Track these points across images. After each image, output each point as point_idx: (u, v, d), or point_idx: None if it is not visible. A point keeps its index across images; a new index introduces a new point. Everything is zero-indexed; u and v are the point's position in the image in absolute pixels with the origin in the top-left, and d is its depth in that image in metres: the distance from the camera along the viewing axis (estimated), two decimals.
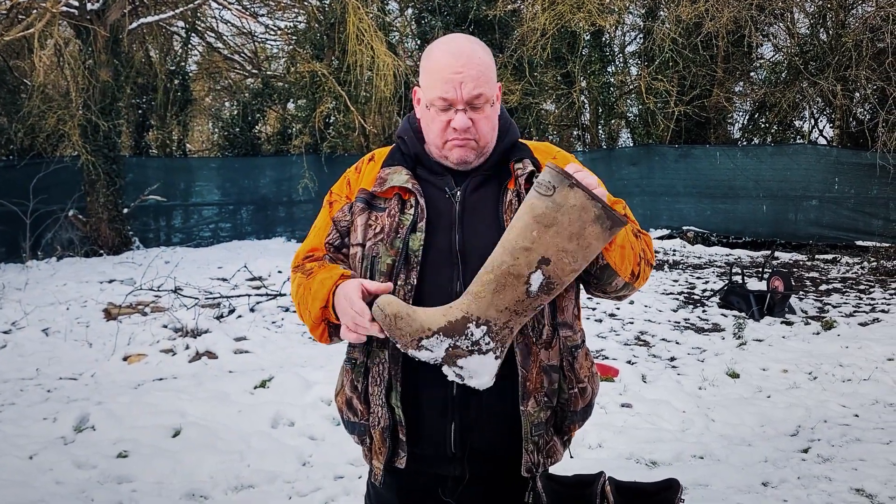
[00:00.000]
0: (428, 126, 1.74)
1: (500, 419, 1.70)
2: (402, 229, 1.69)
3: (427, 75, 1.71)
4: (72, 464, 3.91)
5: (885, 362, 5.97)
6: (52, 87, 12.20)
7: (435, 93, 1.67)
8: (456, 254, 1.68)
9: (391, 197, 1.74)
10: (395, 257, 1.67)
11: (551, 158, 1.80)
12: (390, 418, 1.70)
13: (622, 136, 19.11)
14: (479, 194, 1.75)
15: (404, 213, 1.71)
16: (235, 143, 16.30)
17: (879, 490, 3.68)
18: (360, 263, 1.73)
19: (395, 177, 1.74)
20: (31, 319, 7.12)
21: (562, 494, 1.53)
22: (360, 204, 1.76)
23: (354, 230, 1.76)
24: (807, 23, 15.77)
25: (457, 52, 1.68)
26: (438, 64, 1.68)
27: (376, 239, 1.71)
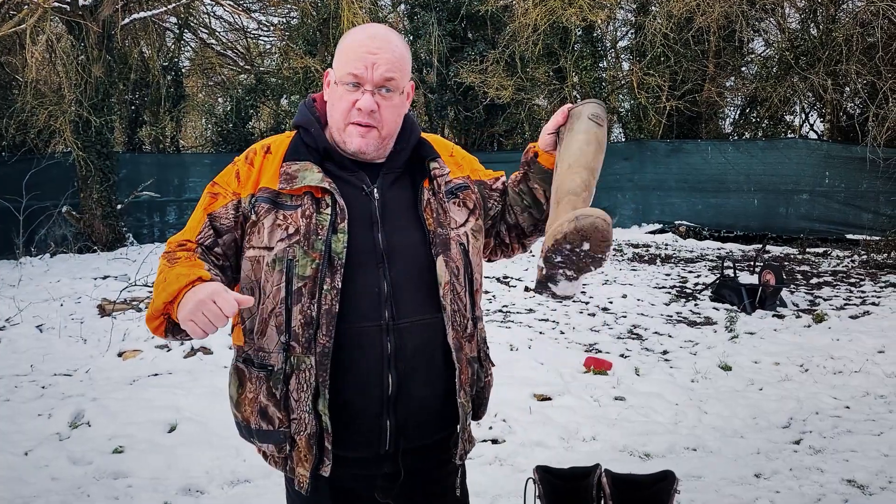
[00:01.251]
0: (333, 105, 1.70)
1: (432, 413, 1.73)
2: (321, 230, 1.62)
3: (341, 53, 1.68)
4: (67, 460, 3.92)
5: (875, 354, 6.02)
6: (44, 83, 12.13)
7: (346, 69, 1.65)
8: (381, 253, 1.65)
9: (302, 195, 1.65)
10: (319, 261, 1.60)
11: (449, 156, 1.85)
12: (317, 425, 1.63)
13: (614, 130, 19.12)
14: (395, 191, 1.73)
15: (320, 212, 1.63)
16: (229, 139, 16.25)
17: (871, 480, 3.72)
18: (269, 268, 1.64)
19: (308, 175, 1.65)
20: (25, 316, 7.10)
21: (558, 486, 1.55)
22: (266, 204, 1.66)
23: (258, 232, 1.66)
24: (797, 18, 15.82)
25: (374, 35, 1.67)
26: (354, 42, 1.67)
27: (290, 241, 1.63)
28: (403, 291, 1.66)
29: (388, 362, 1.63)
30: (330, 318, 1.60)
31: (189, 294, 1.50)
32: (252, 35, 17.87)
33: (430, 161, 1.77)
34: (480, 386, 1.83)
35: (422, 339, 1.67)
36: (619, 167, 14.90)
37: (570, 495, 1.57)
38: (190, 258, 1.64)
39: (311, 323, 1.60)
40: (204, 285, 1.50)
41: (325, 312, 1.60)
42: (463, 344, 1.73)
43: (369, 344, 1.63)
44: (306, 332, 1.61)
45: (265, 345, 1.66)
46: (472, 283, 1.76)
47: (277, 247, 1.63)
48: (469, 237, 1.77)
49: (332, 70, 1.72)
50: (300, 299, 1.61)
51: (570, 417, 4.58)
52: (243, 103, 16.10)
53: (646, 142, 15.14)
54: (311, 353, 1.61)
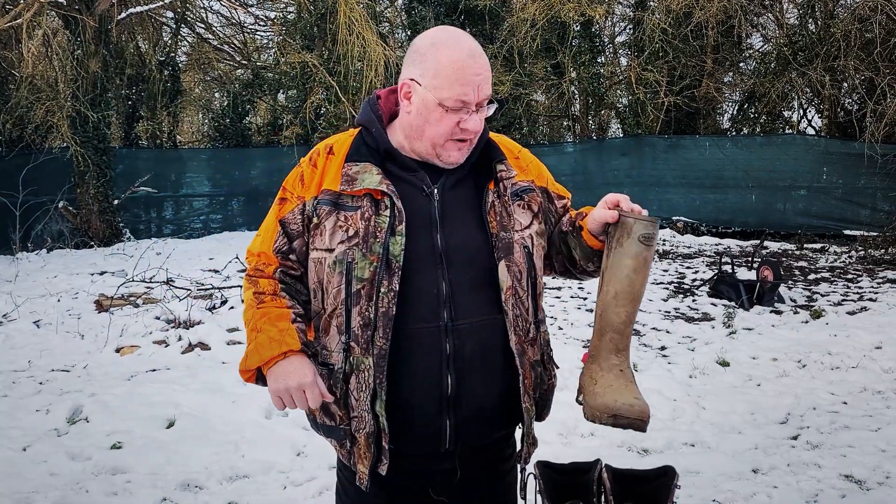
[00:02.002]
0: (428, 125, 1.65)
1: (492, 413, 1.74)
2: (379, 233, 1.62)
3: (439, 75, 1.61)
4: (65, 455, 3.91)
5: (872, 350, 6.03)
6: (41, 78, 12.10)
7: (452, 93, 1.60)
8: (439, 255, 1.66)
9: (362, 196, 1.66)
10: (377, 263, 1.61)
11: (514, 158, 1.83)
12: (374, 425, 1.65)
13: (612, 126, 19.14)
14: (456, 192, 1.72)
15: (379, 214, 1.64)
16: (226, 134, 16.22)
17: (868, 476, 3.73)
18: (331, 269, 1.66)
19: (367, 177, 1.65)
20: (22, 311, 7.09)
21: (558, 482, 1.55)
22: (327, 206, 1.68)
23: (321, 234, 1.68)
24: (796, 13, 15.82)
25: (473, 52, 1.62)
26: (455, 64, 1.61)
27: (350, 244, 1.64)
28: (463, 293, 1.66)
29: (448, 363, 1.64)
30: (387, 321, 1.61)
31: (280, 369, 1.64)
32: (249, 30, 17.84)
33: (497, 163, 1.75)
34: (544, 388, 1.84)
35: (481, 341, 1.68)
36: (617, 163, 14.90)
37: (571, 490, 1.57)
38: (276, 301, 1.71)
39: (368, 324, 1.62)
40: (295, 369, 1.63)
41: (381, 315, 1.61)
42: (526, 348, 1.73)
43: (428, 345, 1.64)
44: (365, 334, 1.63)
45: (328, 343, 1.71)
46: (535, 286, 1.76)
47: (338, 249, 1.65)
48: (534, 239, 1.77)
49: (417, 84, 1.65)
50: (359, 301, 1.63)
51: (568, 413, 4.56)
52: (240, 98, 16.08)
53: (644, 137, 15.14)
54: (368, 354, 1.63)
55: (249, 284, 1.76)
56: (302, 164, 1.78)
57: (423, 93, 1.64)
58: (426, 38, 1.68)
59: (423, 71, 1.64)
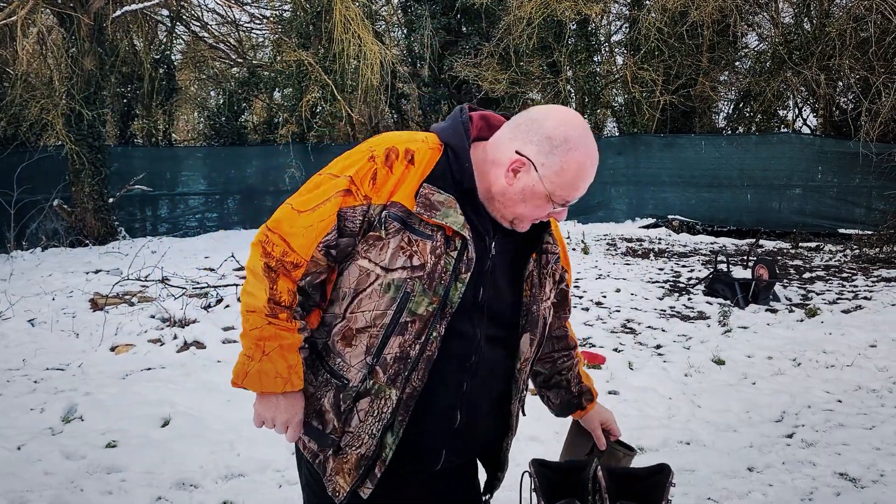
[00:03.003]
0: (524, 204, 1.62)
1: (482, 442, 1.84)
2: (445, 275, 1.58)
3: (562, 173, 1.58)
4: (60, 454, 3.90)
5: (867, 349, 6.05)
6: (36, 76, 12.06)
7: (563, 193, 1.60)
8: (480, 307, 1.66)
9: (435, 226, 1.58)
10: (436, 306, 1.58)
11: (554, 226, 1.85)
12: (375, 452, 1.63)
13: (608, 125, 19.15)
14: (504, 251, 1.71)
15: (448, 254, 1.58)
16: (221, 133, 16.20)
17: (862, 474, 3.74)
18: (381, 289, 1.59)
19: (451, 214, 1.58)
20: (17, 310, 7.07)
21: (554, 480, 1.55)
22: (396, 223, 1.58)
23: (380, 248, 1.58)
24: (791, 12, 15.85)
25: (595, 162, 1.62)
26: (580, 171, 1.59)
27: (413, 274, 1.57)
28: (488, 344, 1.69)
29: (462, 399, 1.67)
30: (428, 363, 1.60)
31: (274, 401, 1.64)
32: (244, 28, 17.81)
33: (546, 234, 1.76)
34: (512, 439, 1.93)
35: (490, 382, 1.73)
36: (613, 161, 14.90)
37: (566, 488, 1.57)
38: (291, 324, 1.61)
39: (405, 359, 1.59)
40: (288, 406, 1.64)
41: (426, 357, 1.59)
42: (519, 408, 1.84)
43: (451, 382, 1.66)
44: (396, 366, 1.59)
45: (347, 356, 1.64)
46: (538, 353, 1.85)
47: (397, 273, 1.57)
48: (550, 311, 1.84)
49: (533, 166, 1.59)
50: (403, 333, 1.58)
51: None
52: (236, 96, 16.06)
53: (639, 136, 15.15)
54: (394, 386, 1.60)
55: (265, 278, 1.61)
56: (376, 158, 1.61)
57: (535, 178, 1.59)
58: (562, 128, 1.59)
59: (546, 161, 1.58)
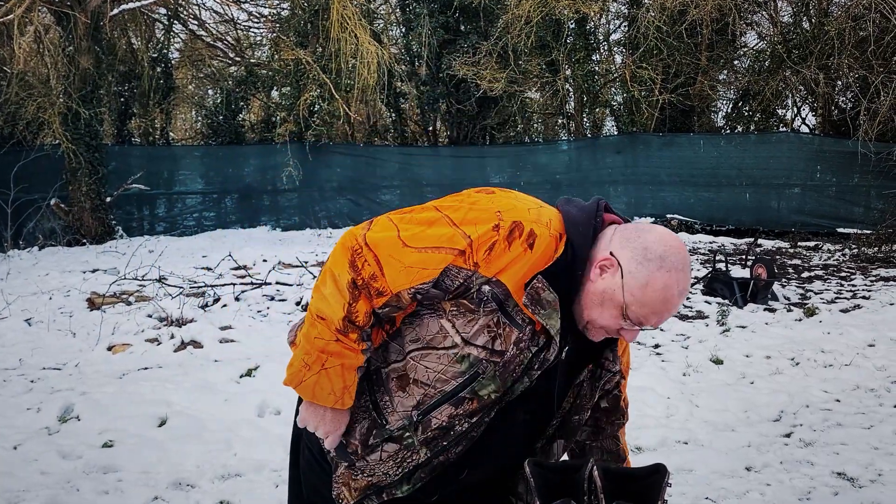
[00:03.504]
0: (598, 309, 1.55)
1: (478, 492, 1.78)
2: (518, 369, 1.55)
3: (645, 291, 1.50)
4: (57, 454, 3.89)
5: (865, 348, 6.04)
6: (32, 75, 12.03)
7: (640, 311, 1.52)
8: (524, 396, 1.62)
9: (528, 317, 1.52)
10: (499, 394, 1.56)
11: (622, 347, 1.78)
12: (385, 485, 1.64)
13: (607, 124, 19.16)
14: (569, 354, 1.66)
15: (529, 349, 1.54)
16: (219, 132, 16.18)
17: (860, 473, 3.74)
18: (451, 356, 1.54)
19: (552, 317, 1.52)
20: (14, 309, 7.05)
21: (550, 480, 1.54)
22: (493, 304, 1.51)
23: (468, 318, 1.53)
24: (790, 11, 15.85)
25: (682, 293, 1.53)
26: (664, 294, 1.50)
27: (490, 357, 1.52)
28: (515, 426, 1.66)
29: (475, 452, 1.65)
30: (469, 442, 1.61)
31: (319, 412, 1.61)
32: (242, 26, 17.78)
33: (607, 349, 1.70)
34: None
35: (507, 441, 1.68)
36: (612, 160, 14.91)
37: (562, 488, 1.56)
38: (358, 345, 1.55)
39: (448, 430, 1.58)
40: (332, 419, 1.60)
41: (470, 437, 1.60)
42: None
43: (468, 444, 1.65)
44: (437, 432, 1.58)
45: (395, 400, 1.60)
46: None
47: (475, 350, 1.52)
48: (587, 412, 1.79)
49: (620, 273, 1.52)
50: (458, 406, 1.56)
51: None
52: (234, 95, 16.04)
53: (638, 135, 15.15)
54: (427, 447, 1.60)
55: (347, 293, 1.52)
56: (500, 229, 1.50)
57: (618, 284, 1.52)
58: (661, 246, 1.52)
59: (634, 270, 1.50)
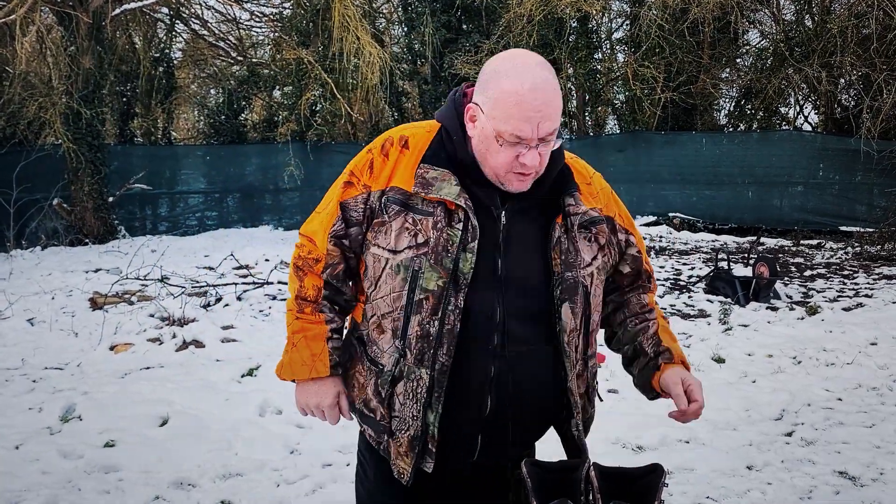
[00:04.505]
0: (489, 153, 1.59)
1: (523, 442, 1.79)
2: (451, 247, 1.58)
3: (498, 106, 1.53)
4: (58, 453, 3.90)
5: (867, 346, 6.03)
6: (34, 75, 12.03)
7: (508, 128, 1.53)
8: (500, 279, 1.62)
9: (435, 203, 1.61)
10: (446, 279, 1.58)
11: (586, 184, 1.76)
12: (422, 430, 1.65)
13: (609, 122, 19.12)
14: (523, 220, 1.66)
15: (452, 227, 1.59)
16: (221, 131, 16.19)
17: (862, 472, 3.73)
18: (392, 272, 1.63)
19: (445, 186, 1.59)
20: (16, 309, 7.06)
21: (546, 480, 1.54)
22: (396, 206, 1.63)
23: (385, 233, 1.64)
24: (792, 9, 15.81)
25: (535, 87, 1.51)
26: (515, 98, 1.51)
27: (419, 251, 1.60)
28: (515, 321, 1.63)
29: (490, 385, 1.63)
30: (451, 338, 1.59)
31: (306, 388, 1.78)
32: (244, 26, 17.77)
33: (567, 196, 1.68)
34: (587, 416, 1.85)
35: (528, 371, 1.66)
36: (614, 159, 14.88)
37: (559, 488, 1.56)
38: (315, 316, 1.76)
39: (427, 337, 1.60)
40: (318, 391, 1.77)
41: (447, 332, 1.59)
42: (577, 384, 1.73)
43: (476, 366, 1.63)
44: (420, 345, 1.61)
45: (380, 343, 1.69)
46: (588, 324, 1.73)
47: (404, 253, 1.61)
48: (594, 277, 1.72)
49: (479, 110, 1.58)
50: (420, 311, 1.60)
51: None
52: (235, 95, 16.04)
53: (640, 133, 15.13)
54: (423, 365, 1.61)
55: (296, 277, 1.78)
56: (372, 150, 1.71)
57: (483, 121, 1.58)
58: (492, 62, 1.60)
59: (485, 98, 1.57)
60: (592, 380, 1.82)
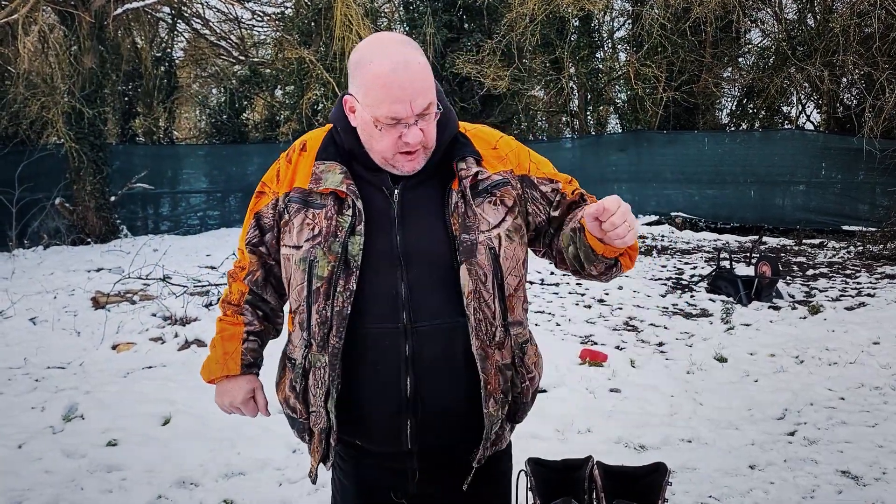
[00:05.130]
0: (372, 139, 1.63)
1: (457, 416, 1.71)
2: (340, 232, 1.63)
3: (369, 93, 1.57)
4: (61, 453, 3.90)
5: (870, 346, 6.02)
6: (37, 74, 12.04)
7: (382, 111, 1.56)
8: (398, 256, 1.64)
9: (327, 195, 1.66)
10: (335, 262, 1.62)
11: (491, 149, 1.76)
12: (327, 422, 1.70)
13: (611, 122, 19.11)
14: (418, 193, 1.68)
15: (342, 214, 1.64)
16: (223, 131, 16.20)
17: (865, 472, 3.72)
18: (296, 267, 1.69)
19: (330, 176, 1.65)
20: (18, 308, 7.07)
21: (550, 478, 1.54)
22: (296, 204, 1.69)
23: (289, 231, 1.70)
24: (794, 8, 15.79)
25: (395, 66, 1.54)
26: (381, 81, 1.55)
27: (314, 242, 1.65)
28: (423, 295, 1.64)
29: (407, 364, 1.63)
30: (341, 320, 1.62)
31: (220, 387, 1.87)
32: (246, 25, 17.76)
33: (458, 161, 1.69)
34: (517, 392, 1.78)
35: (443, 344, 1.65)
36: (616, 158, 14.88)
37: (562, 487, 1.56)
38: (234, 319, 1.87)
39: (325, 323, 1.64)
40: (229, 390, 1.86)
41: (336, 314, 1.62)
42: (491, 352, 1.68)
43: (386, 346, 1.64)
44: (321, 332, 1.65)
45: (293, 339, 1.77)
46: (502, 288, 1.68)
47: (304, 246, 1.67)
48: (502, 239, 1.69)
49: (356, 100, 1.63)
50: (317, 299, 1.64)
51: (565, 409, 4.57)
52: (237, 94, 16.04)
53: (642, 132, 15.12)
54: (324, 352, 1.65)
55: (227, 284, 1.92)
56: (280, 159, 1.80)
57: (360, 110, 1.62)
58: (356, 50, 1.63)
59: (356, 87, 1.62)
60: (519, 349, 1.76)
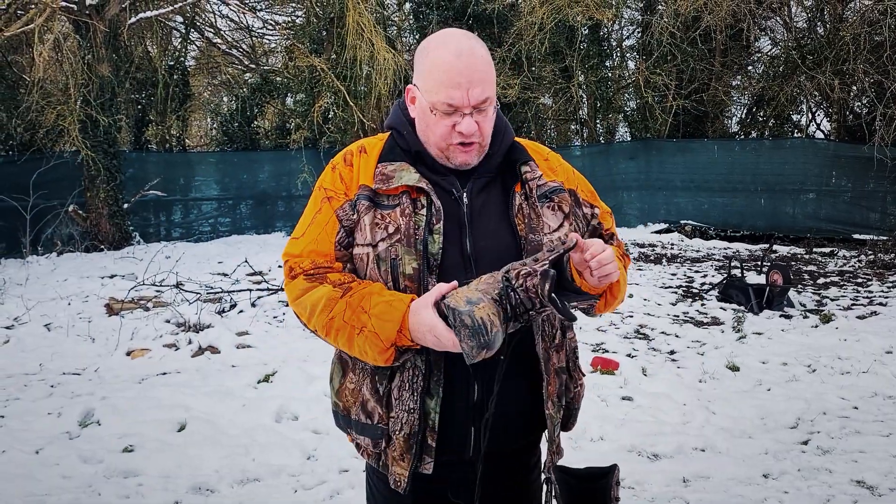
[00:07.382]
0: (428, 128, 1.67)
1: (516, 420, 1.72)
2: (418, 231, 1.62)
3: (429, 77, 1.63)
4: (78, 458, 3.94)
5: (883, 355, 6.01)
6: (52, 83, 12.16)
7: (440, 97, 1.60)
8: (468, 258, 1.65)
9: (399, 194, 1.66)
10: (420, 261, 1.61)
11: (543, 160, 1.80)
12: (420, 424, 1.63)
13: (620, 130, 19.09)
14: (484, 196, 1.71)
15: (416, 212, 1.64)
16: (234, 138, 16.27)
17: (879, 481, 3.72)
18: (374, 265, 1.66)
19: (405, 175, 1.66)
20: (33, 315, 7.13)
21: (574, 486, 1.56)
22: (365, 202, 1.67)
23: (361, 230, 1.67)
24: (804, 16, 15.78)
25: (460, 53, 1.60)
26: (442, 66, 1.60)
27: (392, 240, 1.63)
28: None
29: (474, 369, 1.61)
30: None
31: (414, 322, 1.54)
32: (257, 34, 17.89)
33: (522, 164, 1.73)
34: (570, 396, 1.81)
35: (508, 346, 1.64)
36: (625, 166, 14.88)
37: (586, 495, 1.57)
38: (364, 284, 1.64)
39: None
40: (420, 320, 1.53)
41: None
42: (551, 354, 1.71)
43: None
44: None
45: None
46: None
47: (381, 246, 1.64)
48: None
49: (416, 88, 1.67)
50: None
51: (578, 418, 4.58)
52: (248, 102, 16.12)
53: (652, 141, 15.12)
54: (419, 353, 1.61)
55: (310, 284, 1.67)
56: (336, 165, 1.77)
57: (419, 97, 1.66)
58: (423, 42, 1.69)
59: (418, 75, 1.66)
60: (572, 353, 1.81)
